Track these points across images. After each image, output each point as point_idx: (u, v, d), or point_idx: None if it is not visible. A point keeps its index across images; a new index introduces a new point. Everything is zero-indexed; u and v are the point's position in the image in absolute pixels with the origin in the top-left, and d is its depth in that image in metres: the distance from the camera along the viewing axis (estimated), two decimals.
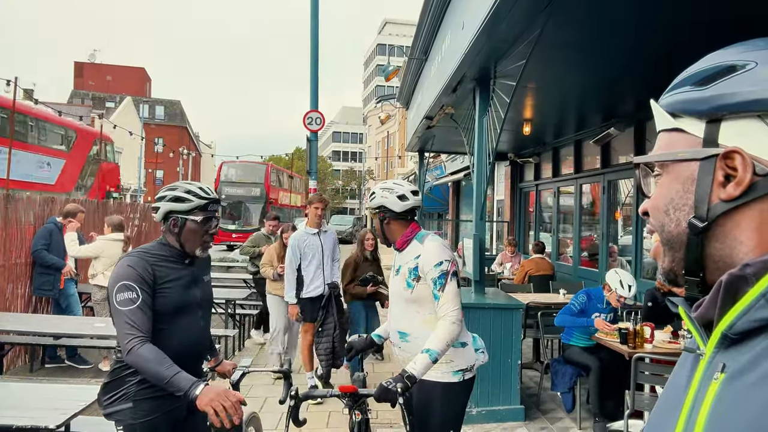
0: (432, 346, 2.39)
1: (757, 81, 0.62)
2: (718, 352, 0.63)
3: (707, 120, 0.65)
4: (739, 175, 0.62)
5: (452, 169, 17.64)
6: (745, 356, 0.59)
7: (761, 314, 0.58)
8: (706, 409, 0.61)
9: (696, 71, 0.68)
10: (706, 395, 0.62)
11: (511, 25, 4.01)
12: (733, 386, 0.59)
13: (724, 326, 0.62)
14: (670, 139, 0.70)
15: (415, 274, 2.56)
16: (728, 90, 0.63)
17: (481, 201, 5.28)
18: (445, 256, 2.55)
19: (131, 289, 2.15)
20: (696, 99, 0.66)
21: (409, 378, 2.26)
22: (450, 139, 9.38)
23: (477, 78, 5.26)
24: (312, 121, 8.15)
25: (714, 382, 0.61)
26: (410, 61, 8.48)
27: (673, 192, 0.69)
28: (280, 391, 2.48)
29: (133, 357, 2.07)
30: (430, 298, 2.54)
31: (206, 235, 2.38)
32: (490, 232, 14.59)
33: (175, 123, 51.37)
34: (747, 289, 0.60)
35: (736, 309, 0.60)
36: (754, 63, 0.63)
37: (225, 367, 2.69)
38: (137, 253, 2.29)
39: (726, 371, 0.61)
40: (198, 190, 2.37)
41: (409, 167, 31.71)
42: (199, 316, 2.45)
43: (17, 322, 5.22)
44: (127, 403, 2.20)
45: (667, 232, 0.69)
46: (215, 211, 2.41)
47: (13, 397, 2.96)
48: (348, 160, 79.99)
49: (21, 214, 6.36)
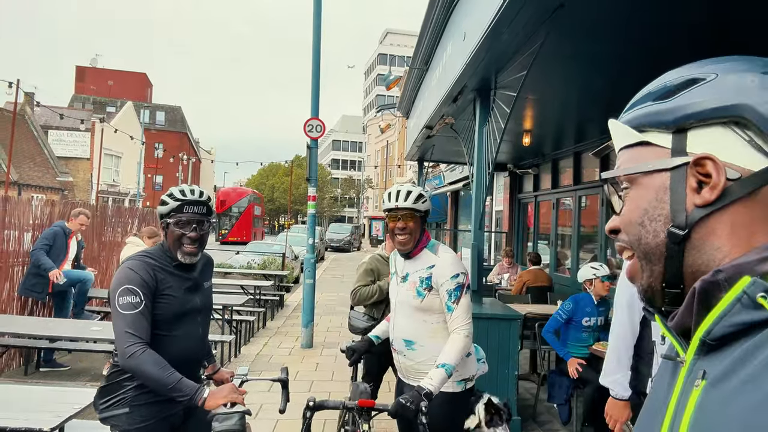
0: (447, 360, 2.37)
1: (719, 90, 0.64)
2: (698, 359, 0.63)
3: (673, 131, 0.66)
4: (713, 180, 0.63)
5: (451, 179, 17.67)
6: (724, 362, 0.59)
7: (737, 319, 0.58)
8: (688, 417, 0.61)
9: (657, 87, 0.70)
10: (687, 402, 0.62)
11: (512, 37, 4.03)
12: (715, 392, 0.59)
13: (701, 333, 0.62)
14: (637, 153, 0.70)
15: (427, 284, 2.53)
16: (692, 100, 0.65)
17: (480, 211, 5.28)
18: (461, 268, 2.55)
19: (134, 293, 2.13)
20: (661, 111, 0.67)
21: (426, 395, 2.23)
22: (450, 149, 9.41)
23: (478, 88, 5.28)
24: (312, 128, 8.17)
25: (695, 390, 0.61)
26: (411, 70, 8.53)
27: (646, 203, 0.68)
28: (275, 398, 2.46)
29: (134, 362, 2.05)
30: (439, 307, 2.53)
31: (184, 238, 2.27)
32: (488, 242, 14.59)
33: (175, 129, 51.38)
34: (721, 295, 0.60)
35: (712, 315, 0.61)
36: (714, 74, 0.65)
37: (222, 375, 2.67)
38: (140, 258, 2.27)
39: (707, 378, 0.61)
40: (177, 192, 2.30)
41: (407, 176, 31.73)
42: (198, 322, 2.43)
43: (12, 324, 5.20)
44: (124, 408, 2.18)
45: (644, 244, 0.68)
46: (195, 213, 2.28)
47: (7, 398, 2.94)
48: (347, 169, 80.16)
49: (20, 217, 6.35)
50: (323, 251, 25.67)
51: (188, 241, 2.27)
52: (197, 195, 2.29)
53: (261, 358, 7.07)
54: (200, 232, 2.30)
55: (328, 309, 11.26)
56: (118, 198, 38.92)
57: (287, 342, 8.17)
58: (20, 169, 28.73)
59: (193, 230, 2.27)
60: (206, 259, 2.54)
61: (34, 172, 30.58)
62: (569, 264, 9.55)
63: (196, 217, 2.28)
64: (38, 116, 33.01)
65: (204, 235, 2.34)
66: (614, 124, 0.74)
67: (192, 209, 2.27)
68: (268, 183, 67.60)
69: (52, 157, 33.04)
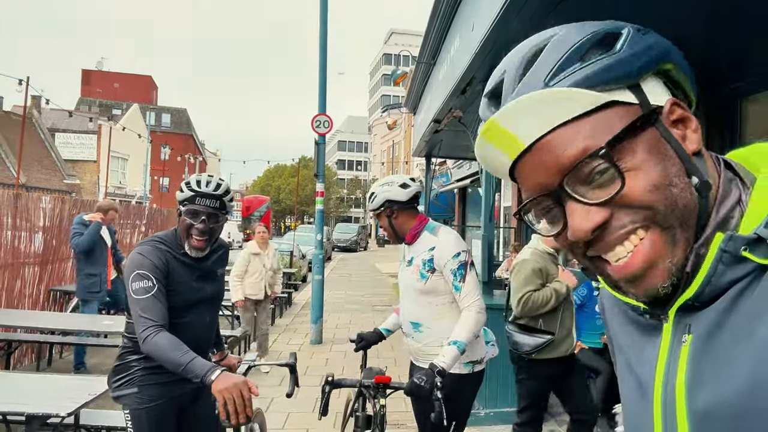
0: (459, 337, 2.39)
1: (648, 41, 0.62)
2: (681, 317, 0.62)
3: (628, 85, 0.60)
4: (694, 123, 0.62)
5: (458, 176, 17.64)
6: (709, 314, 0.59)
7: (725, 278, 0.57)
8: (683, 373, 0.60)
9: (566, 50, 0.61)
10: (679, 359, 0.61)
11: (521, 26, 4.02)
12: (707, 343, 0.58)
13: (688, 296, 0.60)
14: (602, 119, 0.59)
15: (429, 266, 2.55)
16: (635, 50, 0.60)
17: (490, 204, 5.27)
18: (462, 246, 2.56)
19: (146, 278, 2.14)
20: (613, 65, 0.59)
21: (439, 372, 2.26)
22: (457, 144, 9.39)
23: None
24: (320, 124, 8.19)
25: (684, 345, 0.60)
26: (418, 65, 8.52)
27: (660, 162, 0.59)
28: (286, 392, 2.46)
29: (149, 346, 2.06)
30: (444, 289, 2.55)
31: (192, 229, 2.23)
32: (497, 238, 14.57)
33: (181, 131, 51.58)
34: None
35: (697, 281, 0.59)
36: (625, 30, 0.62)
37: (230, 361, 2.68)
38: (151, 242, 2.27)
39: (692, 332, 0.60)
40: (193, 182, 2.27)
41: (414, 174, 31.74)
42: (208, 309, 2.44)
43: (25, 318, 5.22)
44: (133, 388, 2.21)
45: (683, 206, 0.59)
46: (207, 206, 2.24)
47: (24, 387, 2.96)
48: (353, 169, 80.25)
49: (31, 214, 6.39)
50: (330, 251, 25.71)
51: (196, 233, 2.24)
52: (212, 188, 2.25)
53: (271, 354, 7.08)
54: (210, 225, 2.25)
55: (336, 307, 11.29)
56: (124, 200, 39.11)
57: (297, 338, 8.19)
58: (28, 172, 28.91)
59: (202, 222, 2.23)
60: (222, 247, 2.52)
61: (41, 175, 30.77)
62: None
63: (207, 210, 2.24)
64: (45, 119, 33.22)
65: (215, 228, 2.29)
66: (548, 93, 0.60)
67: (204, 201, 2.23)
68: (274, 184, 67.73)
69: (59, 159, 33.25)
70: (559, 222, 0.63)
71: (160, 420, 2.23)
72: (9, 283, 5.99)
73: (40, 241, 6.46)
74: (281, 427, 4.68)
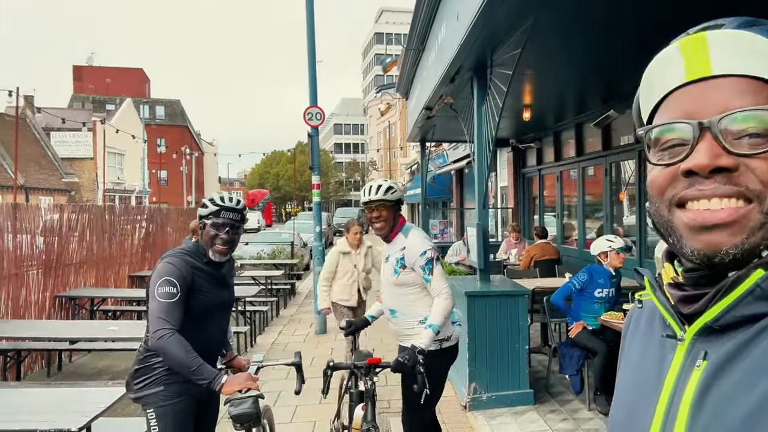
0: (432, 321, 2.86)
1: None
2: (698, 340, 0.64)
3: None
4: None
5: (455, 157, 17.64)
6: (727, 345, 0.60)
7: (748, 310, 0.59)
8: (689, 396, 0.61)
9: (744, 19, 0.63)
10: (688, 381, 0.62)
11: (505, 15, 4.02)
12: (719, 375, 0.59)
13: (708, 318, 0.62)
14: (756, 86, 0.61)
15: (401, 263, 3.01)
16: None
17: (483, 190, 5.31)
18: (427, 245, 3.00)
19: (173, 285, 2.40)
20: None
21: (420, 352, 2.69)
22: (451, 128, 9.39)
23: (474, 68, 5.28)
24: (312, 116, 8.20)
25: (696, 370, 0.62)
26: (407, 51, 8.49)
27: None
28: (293, 386, 2.70)
29: (162, 344, 2.28)
30: (413, 281, 3.00)
31: (217, 238, 2.55)
32: (495, 218, 14.62)
33: (176, 122, 51.29)
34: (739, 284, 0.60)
35: (723, 303, 0.60)
36: None
37: (239, 362, 2.89)
38: (179, 254, 2.53)
39: (708, 359, 0.61)
40: (218, 198, 2.62)
41: (411, 157, 31.66)
42: (221, 316, 2.70)
43: (32, 328, 5.31)
44: (158, 387, 2.44)
45: None
46: (230, 219, 2.57)
47: (33, 401, 3.04)
48: (350, 152, 79.93)
49: (31, 222, 6.45)
50: (331, 236, 25.76)
51: (220, 242, 2.55)
52: (234, 203, 2.61)
53: (277, 347, 7.19)
54: (232, 235, 2.59)
55: None
56: (124, 195, 39.07)
57: (301, 329, 8.29)
58: (26, 172, 28.91)
59: (226, 233, 2.55)
60: (230, 259, 2.81)
61: (39, 175, 30.76)
62: (576, 235, 9.58)
63: (230, 222, 2.58)
64: (39, 119, 33.08)
65: (236, 237, 2.62)
66: (748, 37, 0.62)
67: (228, 215, 2.57)
68: (272, 171, 67.60)
69: (56, 158, 33.21)
70: (677, 156, 0.63)
71: (185, 415, 2.49)
72: (14, 292, 6.07)
73: (41, 247, 6.52)
74: (289, 420, 4.79)
